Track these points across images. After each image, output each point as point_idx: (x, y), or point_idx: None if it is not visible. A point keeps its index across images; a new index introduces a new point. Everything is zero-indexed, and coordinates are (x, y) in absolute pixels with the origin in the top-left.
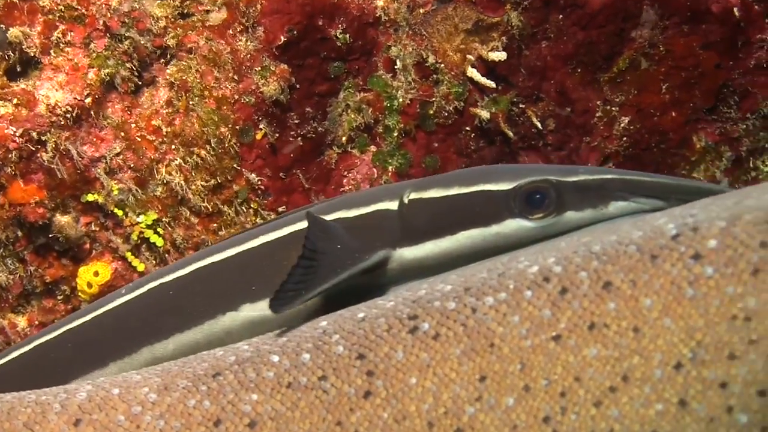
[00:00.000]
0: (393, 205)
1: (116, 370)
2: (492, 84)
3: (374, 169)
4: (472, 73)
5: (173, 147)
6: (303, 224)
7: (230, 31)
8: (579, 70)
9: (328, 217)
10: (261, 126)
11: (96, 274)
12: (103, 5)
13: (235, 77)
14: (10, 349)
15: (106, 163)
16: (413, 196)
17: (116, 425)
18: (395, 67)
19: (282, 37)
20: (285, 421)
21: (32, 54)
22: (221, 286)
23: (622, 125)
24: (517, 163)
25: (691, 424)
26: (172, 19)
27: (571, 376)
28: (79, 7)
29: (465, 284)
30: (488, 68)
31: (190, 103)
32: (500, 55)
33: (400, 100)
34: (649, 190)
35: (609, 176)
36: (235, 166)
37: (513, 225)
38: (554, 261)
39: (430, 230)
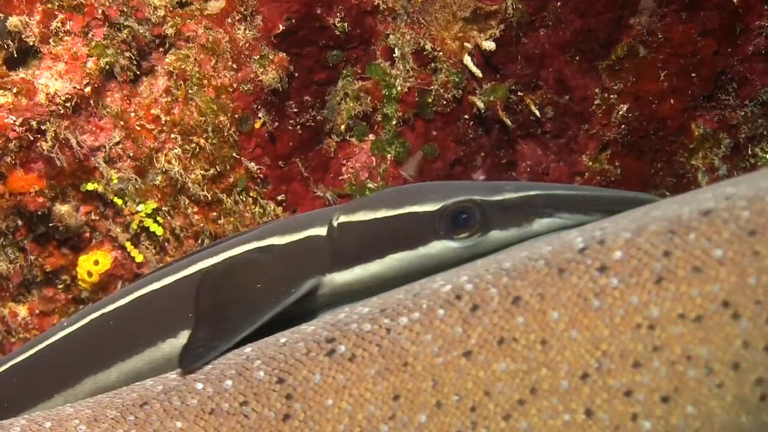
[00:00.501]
0: (323, 231)
1: (61, 402)
2: (479, 73)
3: (373, 158)
4: (467, 61)
5: (172, 136)
6: (241, 248)
7: (229, 20)
8: (577, 58)
9: (262, 243)
10: (260, 115)
11: (96, 263)
12: None
13: (234, 66)
14: None
15: (106, 152)
16: (342, 219)
17: None
18: (393, 55)
19: (280, 26)
20: None
21: (31, 43)
22: (160, 314)
23: (620, 113)
24: (458, 181)
25: None
26: (171, 8)
27: (481, 390)
28: None
29: (381, 306)
30: (486, 57)
31: (189, 92)
32: (490, 45)
33: (399, 88)
34: (572, 205)
35: (533, 193)
36: (234, 154)
37: (439, 246)
38: (466, 279)
39: (359, 254)
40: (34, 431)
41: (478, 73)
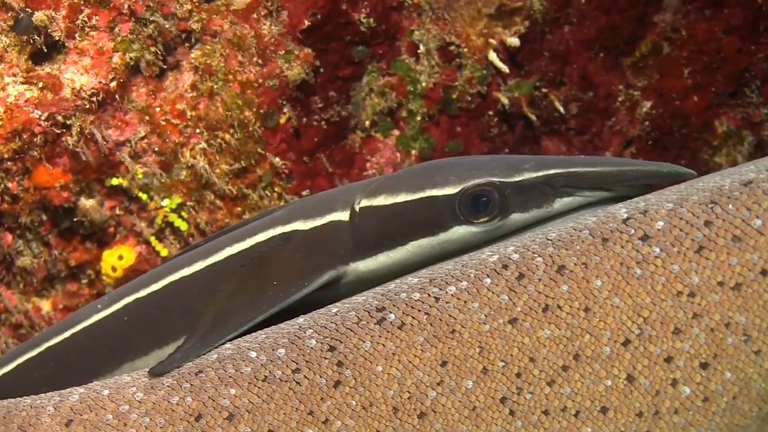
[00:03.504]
0: (345, 216)
1: None
2: (506, 69)
3: (397, 153)
4: (492, 57)
5: (197, 131)
6: (267, 234)
7: (254, 15)
8: (601, 55)
9: (287, 228)
10: (285, 110)
11: (120, 257)
12: None
13: (260, 61)
14: None
15: (131, 146)
16: (363, 204)
17: (105, 424)
18: (418, 51)
19: (306, 21)
20: (261, 413)
21: (57, 38)
22: (192, 302)
23: (644, 109)
24: (472, 156)
25: (638, 398)
26: (197, 3)
27: (526, 357)
28: None
29: (430, 276)
30: (510, 53)
31: (215, 87)
32: (514, 41)
33: (424, 84)
34: (593, 182)
35: (552, 171)
36: (259, 150)
37: (460, 231)
38: (513, 249)
39: (382, 242)
40: (93, 398)
41: (504, 68)
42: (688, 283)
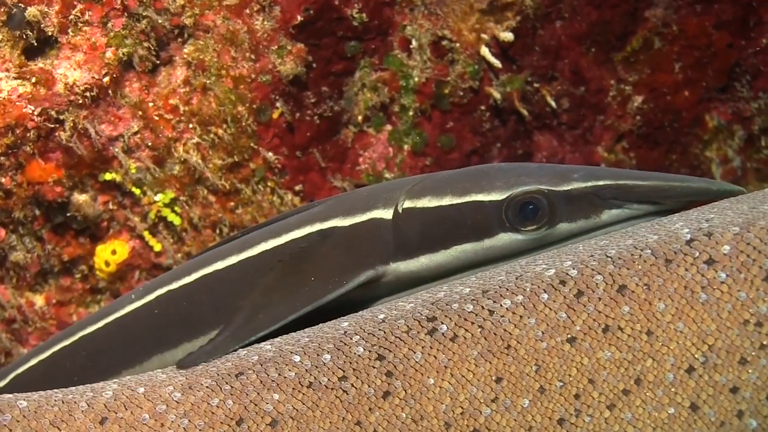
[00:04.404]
0: (387, 214)
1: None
2: (498, 64)
3: (390, 148)
4: (485, 52)
5: (191, 126)
6: (305, 230)
7: (247, 11)
8: (593, 50)
9: (325, 224)
10: (278, 105)
11: (113, 252)
12: None
13: (252, 56)
14: (28, 355)
15: (124, 141)
16: (407, 205)
17: (141, 424)
18: (411, 46)
19: (299, 17)
20: (306, 421)
21: (50, 33)
22: (224, 297)
23: (635, 104)
24: (514, 162)
25: (702, 428)
26: None
27: (586, 378)
28: None
29: (483, 286)
30: (502, 48)
31: (208, 82)
32: (508, 36)
33: (416, 79)
34: (642, 195)
35: (602, 183)
36: (252, 144)
37: (505, 238)
38: (570, 264)
39: (424, 244)
40: (128, 396)
41: (496, 63)
42: (755, 312)
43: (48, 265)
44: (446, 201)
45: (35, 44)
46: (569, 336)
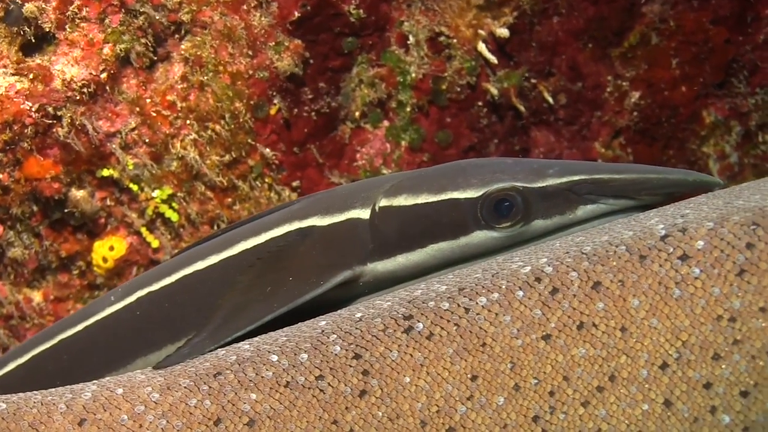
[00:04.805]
0: (365, 214)
1: None
2: (495, 60)
3: (387, 144)
4: (482, 48)
5: (188, 122)
6: (283, 228)
7: (244, 7)
8: (590, 46)
9: (304, 222)
10: (275, 101)
11: (111, 248)
12: None
13: (250, 53)
14: (6, 357)
15: (122, 138)
16: (384, 203)
17: (120, 425)
18: (408, 42)
19: (296, 13)
20: (283, 420)
21: (48, 29)
22: (205, 297)
23: (632, 100)
24: (492, 157)
25: (676, 424)
26: None
27: (560, 375)
28: None
29: (459, 284)
30: (499, 44)
31: (205, 78)
32: (504, 32)
33: (413, 75)
34: (618, 189)
35: (577, 178)
36: (249, 141)
37: (480, 236)
38: (546, 261)
39: (401, 243)
40: (106, 397)
41: (493, 59)
42: (729, 308)
43: (46, 262)
44: (422, 199)
45: (33, 40)
46: (544, 333)
